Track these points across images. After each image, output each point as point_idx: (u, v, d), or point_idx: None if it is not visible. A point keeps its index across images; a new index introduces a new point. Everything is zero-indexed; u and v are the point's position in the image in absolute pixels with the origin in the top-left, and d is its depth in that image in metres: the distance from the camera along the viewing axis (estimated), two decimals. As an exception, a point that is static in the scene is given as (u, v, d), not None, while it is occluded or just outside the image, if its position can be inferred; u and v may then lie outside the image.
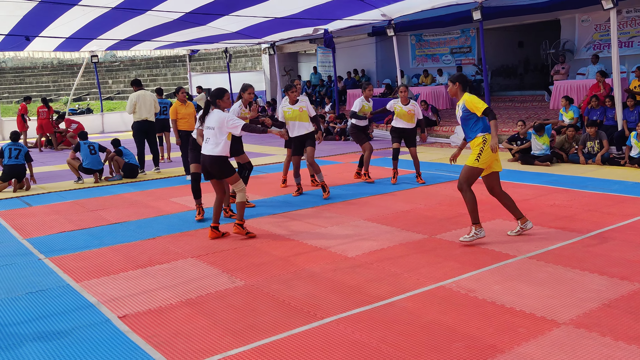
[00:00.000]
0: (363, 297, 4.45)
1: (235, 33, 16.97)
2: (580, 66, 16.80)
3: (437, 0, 13.41)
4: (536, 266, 5.00)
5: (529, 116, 14.83)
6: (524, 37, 21.26)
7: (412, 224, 6.62)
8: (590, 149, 10.58)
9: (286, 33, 17.88)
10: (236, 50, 30.79)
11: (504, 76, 21.94)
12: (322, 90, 22.98)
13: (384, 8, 14.39)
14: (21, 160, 9.92)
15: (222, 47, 21.83)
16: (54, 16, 13.92)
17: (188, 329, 4.02)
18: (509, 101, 19.05)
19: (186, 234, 6.61)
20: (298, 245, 6.00)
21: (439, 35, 21.54)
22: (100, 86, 25.19)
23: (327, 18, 15.65)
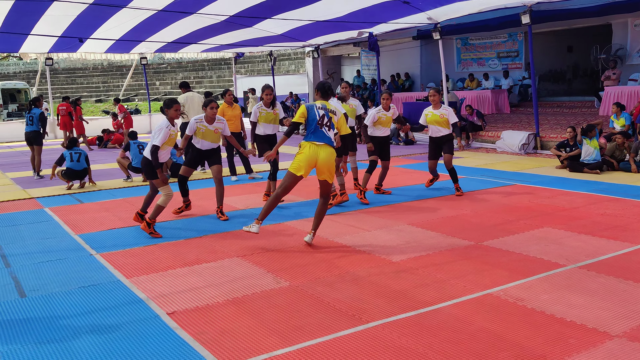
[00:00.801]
0: (409, 302, 4.43)
1: (280, 35, 17.12)
2: (632, 72, 16.30)
3: (485, 3, 13.22)
4: (587, 276, 4.87)
5: (577, 122, 14.47)
6: (574, 41, 20.78)
7: (458, 230, 6.54)
8: (644, 157, 10.24)
9: (330, 36, 17.94)
10: (280, 54, 31.06)
11: (552, 81, 21.48)
12: (365, 93, 22.94)
13: (430, 11, 14.27)
14: (83, 163, 10.23)
15: (267, 50, 22.06)
16: (104, 18, 14.36)
17: (234, 328, 4.07)
18: (556, 107, 18.64)
19: (231, 234, 6.71)
20: (341, 247, 6.01)
21: (485, 39, 21.25)
22: (148, 87, 25.78)
23: (371, 21, 15.62)
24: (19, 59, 43.43)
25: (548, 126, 14.82)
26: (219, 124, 7.46)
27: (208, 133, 7.37)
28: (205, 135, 7.38)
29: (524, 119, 16.89)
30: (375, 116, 8.39)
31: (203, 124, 7.34)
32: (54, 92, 34.84)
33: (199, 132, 7.37)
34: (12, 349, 3.85)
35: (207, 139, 7.40)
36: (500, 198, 8.26)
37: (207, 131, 7.36)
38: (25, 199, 9.39)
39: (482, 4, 13.24)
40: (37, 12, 13.16)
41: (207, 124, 7.35)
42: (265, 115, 7.94)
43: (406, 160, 12.63)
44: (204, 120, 7.35)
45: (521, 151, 13.26)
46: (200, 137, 7.40)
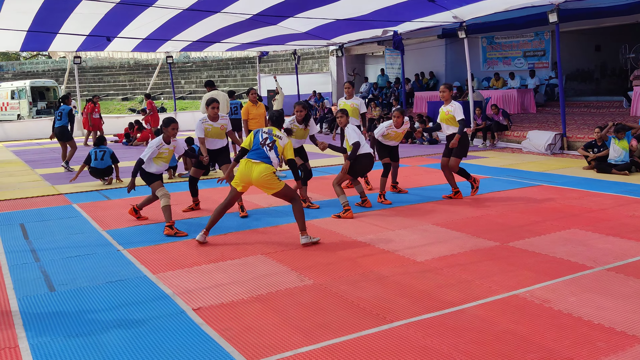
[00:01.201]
0: (433, 302, 4.41)
1: (305, 34, 17.16)
2: (663, 71, 15.97)
3: (512, 2, 13.07)
4: (615, 279, 4.80)
5: (605, 122, 14.21)
6: (602, 40, 20.42)
7: (483, 231, 6.49)
8: (674, 159, 10.03)
9: (355, 34, 17.92)
10: (304, 52, 31.10)
11: (579, 81, 21.15)
12: (389, 92, 22.86)
13: (455, 10, 14.18)
14: (107, 161, 10.38)
15: (291, 49, 22.12)
16: (131, 17, 14.57)
17: (259, 325, 4.10)
18: (584, 107, 18.34)
19: (256, 231, 6.75)
20: (365, 246, 6.01)
21: (511, 38, 21.01)
22: (174, 86, 26.04)
23: (396, 20, 15.57)
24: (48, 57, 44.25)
25: (575, 126, 14.61)
26: (223, 120, 7.77)
27: (214, 130, 7.69)
28: (212, 133, 7.69)
29: (551, 119, 16.66)
30: (385, 131, 8.43)
31: (208, 123, 7.66)
32: (81, 90, 35.37)
33: (206, 131, 7.67)
34: (42, 342, 3.93)
35: (215, 137, 7.72)
36: (526, 198, 8.17)
37: (213, 129, 7.67)
38: (54, 195, 9.58)
39: (509, 2, 13.10)
40: (66, 10, 13.40)
41: (212, 122, 7.68)
42: (296, 131, 8.04)
43: (430, 160, 12.56)
44: (208, 120, 7.67)
45: (547, 151, 13.09)
46: (209, 137, 7.70)
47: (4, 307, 4.61)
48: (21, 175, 12.14)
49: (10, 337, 4.03)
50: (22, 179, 11.48)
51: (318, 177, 10.74)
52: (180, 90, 35.40)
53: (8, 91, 30.69)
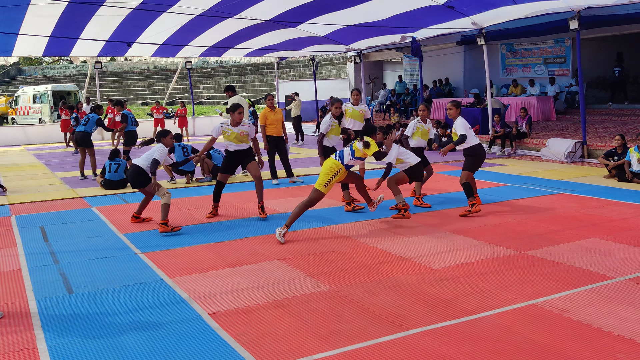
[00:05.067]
0: (450, 310, 4.37)
1: (323, 37, 17.21)
2: (686, 79, 15.72)
3: (532, 8, 12.98)
4: (636, 289, 4.72)
5: (627, 131, 14.03)
6: (624, 47, 20.15)
7: (502, 239, 6.43)
8: (698, 168, 9.85)
9: (373, 40, 17.91)
10: (322, 59, 31.20)
11: (600, 88, 20.89)
12: (407, 99, 22.82)
13: (474, 16, 14.11)
14: (121, 174, 10.49)
15: (309, 55, 22.17)
16: (149, 21, 14.74)
17: (275, 330, 4.10)
18: (605, 115, 18.12)
19: (272, 237, 6.75)
20: (382, 253, 5.99)
21: (531, 45, 20.86)
22: (193, 91, 26.24)
23: (415, 26, 15.54)
24: (69, 62, 44.90)
25: (596, 134, 14.43)
26: (244, 127, 7.86)
27: (233, 135, 7.76)
28: (230, 137, 7.78)
29: (571, 127, 16.48)
30: (414, 128, 8.71)
31: (228, 128, 7.80)
32: (102, 95, 35.79)
33: (224, 135, 7.82)
34: (61, 343, 3.97)
35: (233, 141, 7.80)
36: (545, 207, 8.08)
37: (232, 134, 7.76)
38: (73, 198, 9.69)
39: (529, 9, 13.01)
40: (87, 14, 13.60)
41: (232, 127, 7.80)
42: (335, 128, 8.57)
43: (449, 167, 12.48)
44: (229, 124, 7.81)
45: (567, 159, 12.95)
46: (226, 140, 7.85)
47: (24, 309, 4.67)
48: (42, 178, 12.31)
49: (29, 339, 4.07)
50: (42, 182, 11.64)
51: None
52: (199, 95, 35.67)
53: (30, 95, 31.17)
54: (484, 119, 16.43)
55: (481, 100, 17.86)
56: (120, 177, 10.45)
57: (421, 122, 8.71)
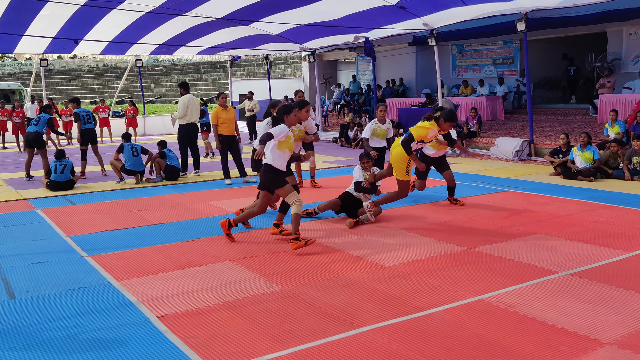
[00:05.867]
0: (401, 307, 4.41)
1: (277, 36, 17.14)
2: (626, 80, 16.39)
3: (481, 10, 13.25)
4: (579, 283, 4.87)
5: (572, 130, 14.52)
6: (569, 49, 20.87)
7: (452, 236, 6.54)
8: (637, 165, 10.28)
9: (327, 39, 17.96)
10: (276, 57, 31.10)
11: (546, 89, 21.56)
12: (361, 98, 22.98)
13: (426, 17, 14.31)
14: (67, 175, 10.17)
15: (263, 54, 22.05)
16: (97, 18, 14.37)
17: (226, 332, 4.05)
18: (551, 114, 18.70)
19: (224, 238, 6.67)
20: (335, 252, 6.00)
21: (481, 46, 21.33)
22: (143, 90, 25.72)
23: (368, 26, 15.66)
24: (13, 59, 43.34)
25: (542, 133, 14.87)
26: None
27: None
28: None
29: (519, 126, 16.94)
30: (371, 129, 8.86)
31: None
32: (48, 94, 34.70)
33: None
34: (1, 350, 3.81)
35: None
36: (494, 204, 8.27)
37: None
38: (17, 200, 9.34)
39: (478, 10, 13.28)
40: (33, 10, 13.13)
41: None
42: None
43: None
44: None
45: (515, 158, 13.29)
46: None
47: (-39, 316, 4.46)
48: (-17, 179, 11.82)
49: (-35, 347, 3.89)
50: (-16, 184, 11.18)
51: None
52: (150, 93, 35.01)
53: (-29, 93, 29.87)
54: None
55: (433, 100, 18.14)
56: (67, 178, 10.13)
57: (378, 124, 8.80)
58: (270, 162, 6.05)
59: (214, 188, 10.20)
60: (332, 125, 21.54)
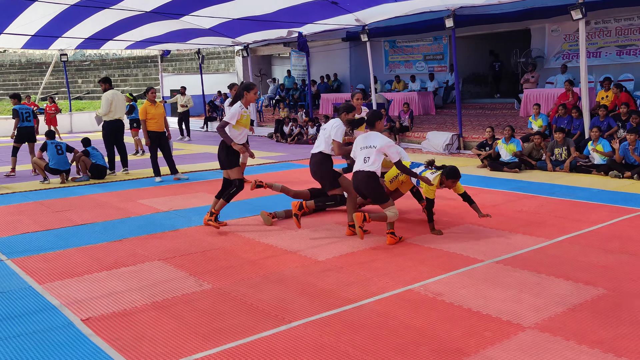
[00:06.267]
0: (332, 300, 4.43)
1: (209, 30, 16.85)
2: (549, 75, 17.15)
3: (411, 6, 13.51)
4: (503, 271, 5.05)
5: (498, 123, 15.05)
6: (496, 45, 21.60)
7: (382, 228, 6.62)
8: (558, 156, 10.77)
9: (260, 34, 17.83)
10: (209, 52, 30.58)
11: (475, 84, 22.24)
12: (296, 94, 22.96)
13: (357, 13, 14.45)
14: None
15: (195, 48, 21.64)
16: (18, 11, 13.67)
17: (154, 332, 3.94)
18: (479, 108, 19.32)
19: (153, 236, 6.50)
20: (268, 248, 5.96)
21: (412, 42, 21.75)
22: (70, 85, 24.73)
23: (301, 21, 15.65)
24: None
25: (471, 127, 15.33)
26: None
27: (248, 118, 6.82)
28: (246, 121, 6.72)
29: (449, 120, 17.40)
30: None
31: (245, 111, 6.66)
32: (-34, 89, 32.80)
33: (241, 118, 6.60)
34: None
35: None
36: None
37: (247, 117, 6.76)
38: None
39: (408, 7, 13.53)
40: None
41: None
42: None
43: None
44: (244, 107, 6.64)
45: (445, 151, 13.65)
46: None
47: None
48: None
49: None
50: None
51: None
52: (77, 90, 33.72)
53: None
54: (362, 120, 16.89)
55: (366, 95, 18.35)
56: None
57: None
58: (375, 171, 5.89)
59: (144, 186, 9.92)
60: (267, 120, 21.44)
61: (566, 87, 13.39)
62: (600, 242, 5.84)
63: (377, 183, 5.94)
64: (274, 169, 11.65)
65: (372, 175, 5.88)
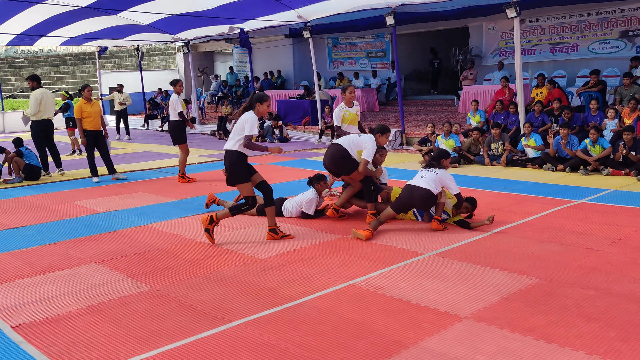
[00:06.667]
0: (274, 298, 4.41)
1: (148, 26, 16.45)
2: (487, 72, 17.62)
3: (352, 3, 13.60)
4: (442, 263, 5.16)
5: (439, 119, 15.37)
6: (436, 43, 22.04)
7: (325, 225, 6.66)
8: (495, 151, 11.09)
9: (201, 30, 17.54)
10: (149, 49, 29.90)
11: (416, 81, 22.63)
12: (239, 90, 22.75)
13: (299, 9, 14.43)
14: None
15: (134, 44, 21.09)
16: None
17: (89, 337, 3.82)
18: (421, 105, 19.68)
19: (89, 239, 6.30)
20: (208, 248, 5.88)
21: (355, 39, 21.91)
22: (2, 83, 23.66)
23: (242, 17, 15.51)
24: None
25: (413, 123, 15.60)
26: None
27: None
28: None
29: (392, 117, 17.63)
30: (340, 114, 7.43)
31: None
32: None
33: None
34: None
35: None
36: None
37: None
38: None
39: (350, 4, 13.61)
40: None
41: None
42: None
43: (279, 158, 12.67)
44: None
45: (389, 147, 13.82)
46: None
47: None
48: None
49: None
50: None
51: (166, 178, 10.39)
52: (10, 88, 32.32)
53: None
54: (314, 110, 16.95)
55: (310, 92, 18.37)
56: None
57: (346, 107, 7.48)
58: None
59: (80, 187, 9.60)
60: (209, 118, 21.14)
61: (502, 84, 13.80)
62: (533, 233, 6.04)
63: None
64: (217, 167, 11.51)
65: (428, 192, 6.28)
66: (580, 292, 4.35)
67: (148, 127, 21.86)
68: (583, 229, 6.15)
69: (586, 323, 3.81)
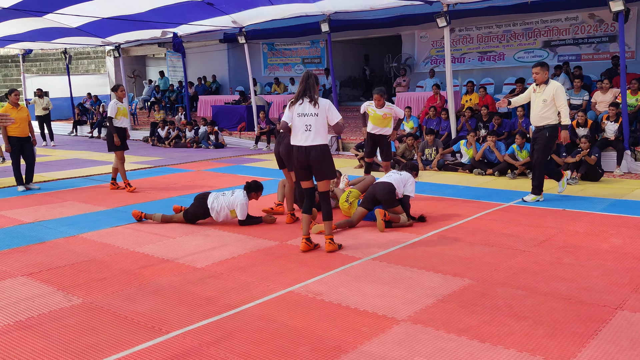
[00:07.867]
0: (212, 307, 4.35)
1: (76, 29, 15.88)
2: (419, 79, 18.10)
3: (287, 10, 13.64)
4: (379, 267, 5.25)
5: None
6: (371, 50, 22.44)
7: (263, 231, 6.63)
8: (428, 156, 11.40)
9: (132, 34, 17.09)
10: (78, 52, 28.86)
11: (351, 87, 22.94)
12: (172, 95, 22.32)
13: (234, 15, 14.34)
14: None
15: (61, 48, 20.30)
16: None
17: (17, 354, 3.64)
18: (356, 111, 19.92)
19: (16, 250, 6.01)
20: (143, 257, 5.73)
21: (290, 45, 21.98)
22: None
23: (175, 22, 15.24)
24: None
25: (349, 129, 15.79)
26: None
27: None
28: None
29: (327, 122, 17.75)
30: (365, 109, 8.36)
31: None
32: None
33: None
34: None
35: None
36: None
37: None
38: None
39: (284, 10, 13.64)
40: None
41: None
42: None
43: (215, 164, 12.52)
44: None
45: (325, 152, 13.91)
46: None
47: None
48: None
49: None
50: None
51: (99, 186, 10.05)
52: None
53: None
54: (249, 116, 16.86)
55: (246, 97, 18.27)
56: None
57: (372, 106, 8.05)
58: None
59: (5, 196, 9.13)
60: (142, 123, 20.61)
61: (434, 91, 14.21)
62: (465, 236, 6.25)
63: None
64: (151, 174, 11.26)
65: None
66: (510, 292, 4.54)
67: (77, 134, 21.09)
68: (511, 231, 6.42)
69: (516, 321, 3.98)
